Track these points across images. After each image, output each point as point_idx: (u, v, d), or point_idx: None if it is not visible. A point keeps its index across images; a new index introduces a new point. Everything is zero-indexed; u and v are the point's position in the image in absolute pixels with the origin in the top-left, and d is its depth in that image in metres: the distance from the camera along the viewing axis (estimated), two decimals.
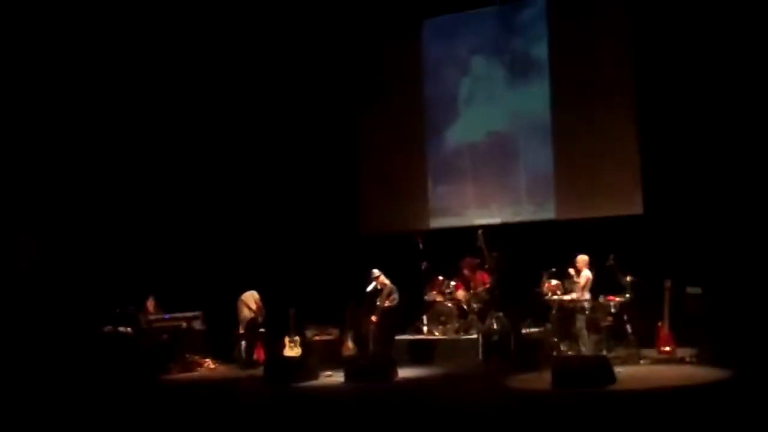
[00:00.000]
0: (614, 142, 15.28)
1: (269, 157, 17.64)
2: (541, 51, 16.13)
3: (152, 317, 15.43)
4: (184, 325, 15.31)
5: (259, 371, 13.80)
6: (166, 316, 15.41)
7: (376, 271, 14.73)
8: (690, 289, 13.27)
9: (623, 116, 15.22)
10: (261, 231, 17.45)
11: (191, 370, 15.03)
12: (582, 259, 13.76)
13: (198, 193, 17.62)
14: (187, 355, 15.18)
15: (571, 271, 13.73)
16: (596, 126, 15.47)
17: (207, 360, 15.36)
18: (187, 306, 15.50)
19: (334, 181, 17.51)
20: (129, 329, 15.00)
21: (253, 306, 15.26)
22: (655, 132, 14.87)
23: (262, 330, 15.14)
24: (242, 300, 15.36)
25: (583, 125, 15.60)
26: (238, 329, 15.33)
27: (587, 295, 13.60)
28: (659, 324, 13.03)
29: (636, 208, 14.96)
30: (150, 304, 15.63)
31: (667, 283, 13.13)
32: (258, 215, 17.56)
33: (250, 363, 14.83)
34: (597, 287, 13.66)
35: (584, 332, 13.33)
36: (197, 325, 15.45)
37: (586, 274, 13.68)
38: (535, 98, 16.10)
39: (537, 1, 16.27)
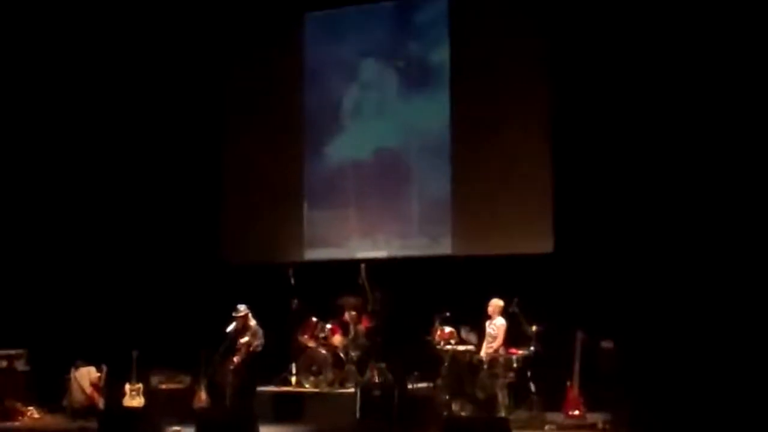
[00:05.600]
0: (523, 167, 14.59)
1: (114, 175, 16.34)
2: (441, 57, 15.38)
3: None
4: (5, 364, 14.09)
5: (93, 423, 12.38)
6: None
7: (242, 308, 13.47)
8: (605, 343, 12.86)
9: (535, 137, 14.52)
10: (100, 259, 16.10)
11: (12, 419, 13.74)
12: (497, 304, 13.10)
13: (27, 218, 16.12)
14: (8, 402, 13.89)
15: (489, 324, 13.12)
16: (503, 147, 14.78)
17: (30, 408, 14.03)
18: (9, 343, 14.24)
19: (192, 202, 16.28)
20: None
21: (88, 389, 13.94)
22: (571, 157, 14.19)
23: None
24: (75, 377, 14.03)
25: (487, 145, 14.87)
26: (68, 374, 14.02)
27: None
28: (568, 383, 12.35)
29: (546, 245, 14.27)
30: None
31: (579, 335, 12.52)
32: (95, 241, 16.20)
33: None
34: None
35: (498, 391, 12.59)
36: (20, 365, 14.22)
37: (502, 322, 13.02)
38: (432, 112, 15.36)
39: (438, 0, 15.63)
